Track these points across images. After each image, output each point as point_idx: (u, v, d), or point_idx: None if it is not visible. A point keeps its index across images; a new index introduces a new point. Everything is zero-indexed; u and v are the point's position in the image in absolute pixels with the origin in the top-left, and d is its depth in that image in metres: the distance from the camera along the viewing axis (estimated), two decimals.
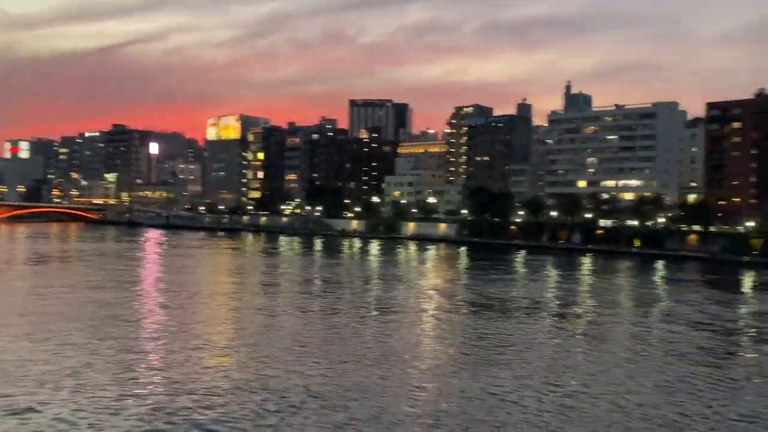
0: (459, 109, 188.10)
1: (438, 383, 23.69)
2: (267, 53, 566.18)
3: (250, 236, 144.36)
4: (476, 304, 44.07)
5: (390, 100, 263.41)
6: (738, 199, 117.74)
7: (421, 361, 27.25)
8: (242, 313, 39.92)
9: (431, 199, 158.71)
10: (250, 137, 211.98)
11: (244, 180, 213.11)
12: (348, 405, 20.77)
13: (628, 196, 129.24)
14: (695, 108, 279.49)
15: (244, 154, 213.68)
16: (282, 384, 23.13)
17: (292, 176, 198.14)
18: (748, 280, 69.54)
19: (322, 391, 22.33)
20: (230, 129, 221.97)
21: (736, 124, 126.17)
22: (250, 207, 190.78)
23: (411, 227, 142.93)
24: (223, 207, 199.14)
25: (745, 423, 19.59)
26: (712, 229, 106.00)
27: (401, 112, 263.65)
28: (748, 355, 31.13)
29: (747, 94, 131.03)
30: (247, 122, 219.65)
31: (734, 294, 56.47)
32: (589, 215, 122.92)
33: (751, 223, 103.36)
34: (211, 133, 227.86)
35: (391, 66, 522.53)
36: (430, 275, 66.67)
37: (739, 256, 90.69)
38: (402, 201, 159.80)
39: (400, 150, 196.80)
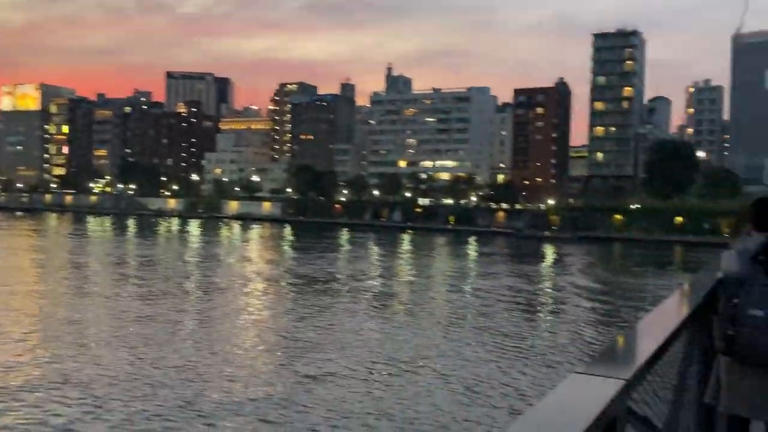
0: (283, 86, 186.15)
1: (252, 370, 23.08)
2: (73, 18, 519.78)
3: (54, 216, 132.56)
4: (299, 285, 43.77)
5: (211, 74, 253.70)
6: (540, 179, 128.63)
7: (238, 347, 26.42)
8: (42, 300, 36.28)
9: (255, 177, 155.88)
10: (53, 108, 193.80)
11: (47, 155, 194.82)
12: (156, 394, 19.53)
13: (445, 175, 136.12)
14: (504, 94, 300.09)
15: (45, 126, 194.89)
16: (85, 377, 21.21)
17: (101, 152, 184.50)
18: (548, 253, 76.12)
19: (129, 381, 20.79)
20: (29, 99, 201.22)
21: (539, 110, 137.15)
22: (54, 185, 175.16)
23: (234, 206, 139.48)
24: (21, 185, 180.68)
25: (535, 387, 21.15)
26: (518, 206, 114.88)
27: (223, 87, 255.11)
28: (542, 325, 33.91)
29: (549, 82, 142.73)
30: (48, 92, 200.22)
31: (535, 266, 61.44)
32: (409, 194, 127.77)
33: (551, 201, 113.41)
34: (7, 103, 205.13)
35: (211, 38, 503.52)
36: (253, 256, 65.34)
37: (540, 231, 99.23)
38: (224, 179, 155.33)
39: (221, 126, 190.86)
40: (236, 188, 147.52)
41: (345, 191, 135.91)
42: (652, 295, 40.88)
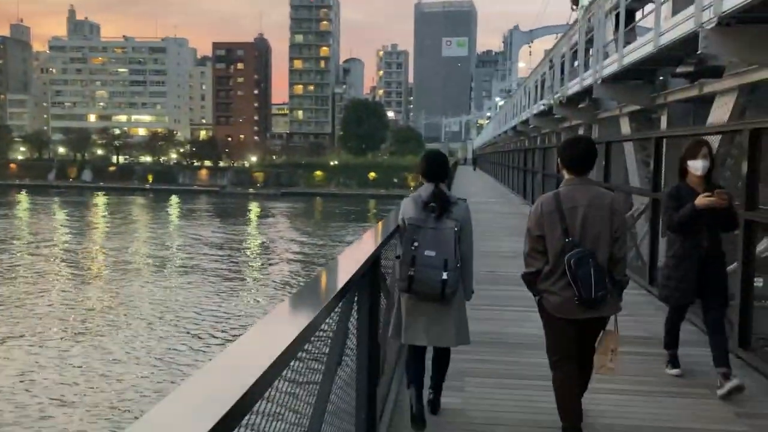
0: None
1: None
2: None
3: None
4: None
5: None
6: (243, 136, 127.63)
7: None
8: None
9: None
10: None
11: None
12: None
13: (141, 131, 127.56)
14: (204, 47, 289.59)
15: None
16: None
17: None
18: (252, 210, 75.99)
19: None
20: None
21: (240, 66, 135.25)
22: None
23: None
24: None
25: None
26: (221, 164, 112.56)
27: None
28: (255, 273, 33.59)
29: (250, 38, 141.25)
30: None
31: (239, 225, 60.73)
32: (101, 151, 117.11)
33: (254, 158, 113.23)
34: None
35: None
36: None
37: (245, 188, 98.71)
38: None
39: None
40: None
41: (22, 148, 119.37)
42: (348, 245, 42.93)
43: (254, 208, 78.65)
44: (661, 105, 10.47)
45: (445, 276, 3.76)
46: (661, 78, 10.44)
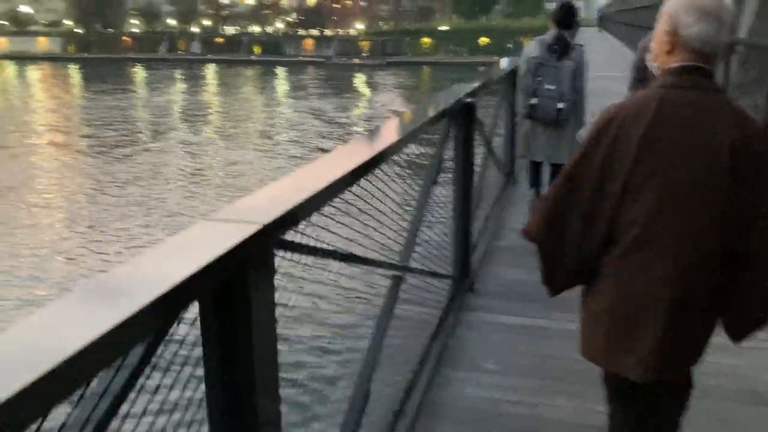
0: None
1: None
2: None
3: None
4: (95, 145, 37.53)
5: None
6: (350, 2, 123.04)
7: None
8: None
9: (25, 8, 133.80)
10: None
11: None
12: None
13: (248, 0, 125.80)
14: None
15: None
16: None
17: None
18: (359, 81, 73.69)
19: None
20: None
21: None
22: None
23: (3, 44, 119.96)
24: None
25: None
26: (327, 33, 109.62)
27: None
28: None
29: None
30: None
31: (351, 95, 58.87)
32: (208, 23, 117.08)
33: (360, 26, 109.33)
34: None
35: None
36: (37, 104, 55.80)
37: (350, 58, 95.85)
38: None
39: None
40: (2, 22, 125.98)
41: (135, 21, 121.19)
42: None
43: (360, 79, 76.22)
44: None
45: (560, 106, 4.49)
46: None
